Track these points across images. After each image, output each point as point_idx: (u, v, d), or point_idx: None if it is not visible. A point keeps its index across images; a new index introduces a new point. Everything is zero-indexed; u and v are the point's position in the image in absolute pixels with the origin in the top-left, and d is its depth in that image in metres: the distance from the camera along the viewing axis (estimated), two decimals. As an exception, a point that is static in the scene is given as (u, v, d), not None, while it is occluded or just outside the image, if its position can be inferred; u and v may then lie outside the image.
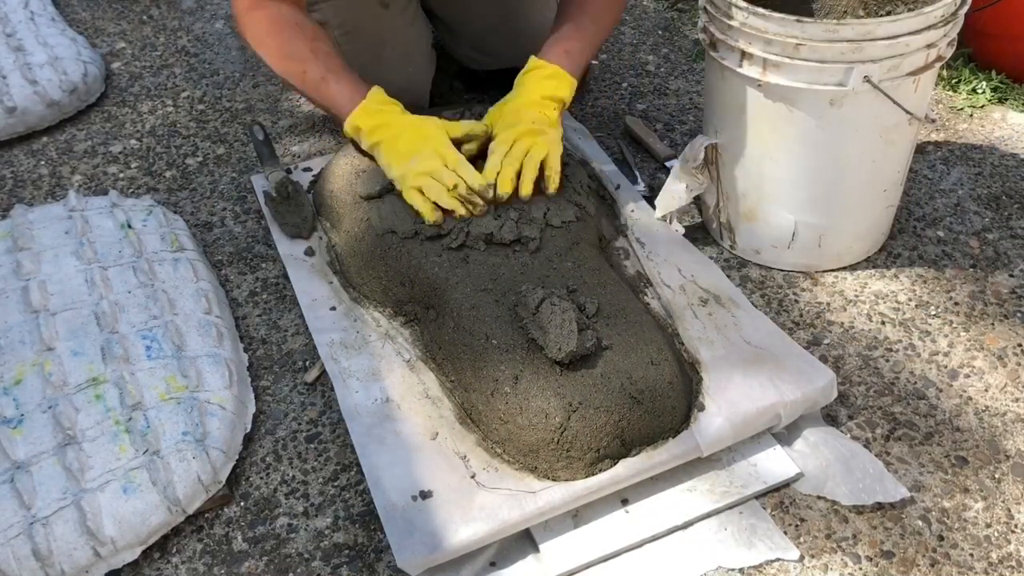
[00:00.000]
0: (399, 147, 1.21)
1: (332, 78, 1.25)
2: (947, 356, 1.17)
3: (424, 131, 1.22)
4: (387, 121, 1.23)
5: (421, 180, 1.18)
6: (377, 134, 1.23)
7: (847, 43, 1.05)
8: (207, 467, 1.01)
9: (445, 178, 1.17)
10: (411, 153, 1.19)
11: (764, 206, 1.25)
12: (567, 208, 1.22)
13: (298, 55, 1.26)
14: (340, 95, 1.25)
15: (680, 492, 1.00)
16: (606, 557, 0.95)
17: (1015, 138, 1.54)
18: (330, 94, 1.26)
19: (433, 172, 1.17)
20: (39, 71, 1.74)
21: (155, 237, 1.32)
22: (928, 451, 1.06)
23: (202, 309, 1.20)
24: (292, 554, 0.99)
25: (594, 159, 1.46)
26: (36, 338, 1.12)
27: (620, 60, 1.85)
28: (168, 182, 1.57)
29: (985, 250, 1.33)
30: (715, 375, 1.06)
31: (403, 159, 1.20)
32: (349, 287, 1.26)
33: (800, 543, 0.97)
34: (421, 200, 1.17)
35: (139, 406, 1.05)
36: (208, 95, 1.82)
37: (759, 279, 1.30)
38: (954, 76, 1.68)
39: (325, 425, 1.13)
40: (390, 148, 1.22)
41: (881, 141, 1.16)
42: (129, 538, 0.96)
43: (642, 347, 1.03)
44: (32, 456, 1.00)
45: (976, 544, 0.96)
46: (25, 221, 1.32)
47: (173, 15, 2.13)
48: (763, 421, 1.02)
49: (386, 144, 1.22)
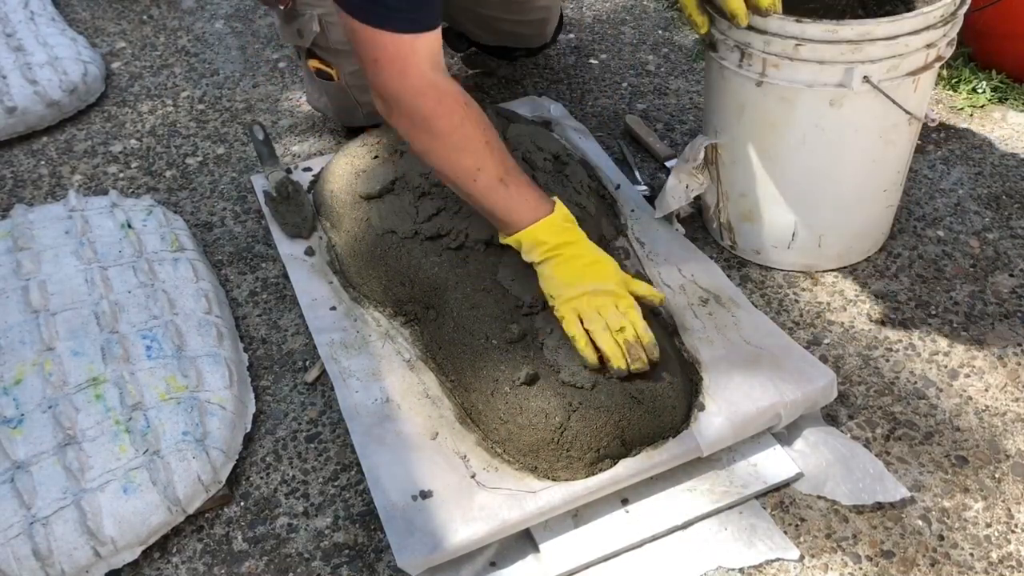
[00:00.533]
0: (577, 266, 1.05)
1: (512, 181, 1.05)
2: (947, 356, 1.17)
3: (607, 266, 1.07)
4: (574, 239, 1.07)
5: (584, 306, 1.02)
6: (560, 248, 1.05)
7: (847, 43, 1.05)
8: (207, 467, 1.01)
9: (612, 318, 1.01)
10: (587, 278, 1.04)
11: (764, 206, 1.25)
12: (567, 208, 1.21)
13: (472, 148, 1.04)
14: (523, 202, 1.06)
15: (680, 492, 1.00)
16: (606, 557, 0.95)
17: (1015, 138, 1.54)
18: (509, 198, 1.05)
19: (602, 307, 1.02)
20: (39, 71, 1.74)
21: (155, 237, 1.32)
22: (928, 451, 1.06)
23: (202, 309, 1.20)
24: (292, 554, 0.99)
25: (594, 159, 1.46)
26: (36, 338, 1.12)
27: (620, 60, 1.85)
28: (168, 182, 1.57)
29: (985, 250, 1.33)
30: (715, 375, 1.06)
31: (578, 279, 1.04)
32: (349, 287, 1.26)
33: (800, 543, 0.97)
34: (578, 331, 1.01)
35: (139, 406, 1.05)
36: (208, 95, 1.82)
37: (759, 279, 1.30)
38: (954, 76, 1.68)
39: (325, 425, 1.13)
40: (567, 263, 1.05)
41: (881, 141, 1.16)
42: (129, 538, 0.96)
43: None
44: (32, 456, 1.00)
45: (976, 544, 0.96)
46: (25, 221, 1.32)
47: (173, 15, 2.13)
48: (763, 421, 1.02)
49: (564, 258, 1.05)
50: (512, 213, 1.06)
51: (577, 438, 0.96)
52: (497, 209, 1.06)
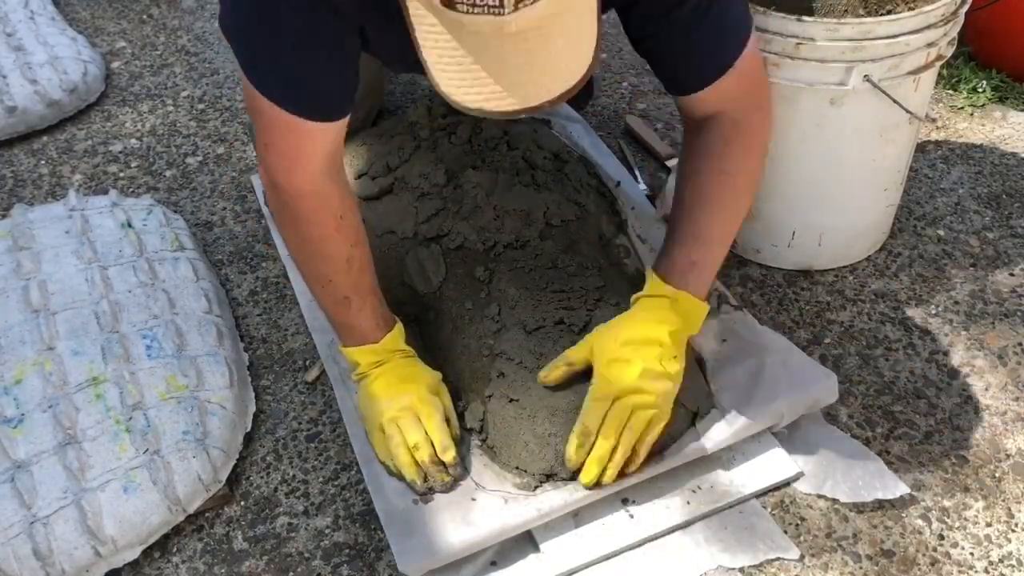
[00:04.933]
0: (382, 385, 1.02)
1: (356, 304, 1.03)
2: (947, 355, 1.17)
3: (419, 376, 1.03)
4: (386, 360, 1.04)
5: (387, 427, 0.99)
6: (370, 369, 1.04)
7: (847, 42, 1.05)
8: (207, 466, 1.01)
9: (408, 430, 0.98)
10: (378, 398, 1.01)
11: (764, 205, 1.24)
12: (567, 207, 1.21)
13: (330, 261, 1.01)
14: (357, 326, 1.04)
15: (681, 492, 1.00)
16: (607, 556, 0.95)
17: (1015, 137, 1.54)
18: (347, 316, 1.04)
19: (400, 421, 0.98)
20: (39, 70, 1.74)
21: (155, 236, 1.32)
22: (928, 450, 1.06)
23: (202, 308, 1.20)
24: (292, 553, 0.99)
25: (594, 155, 1.45)
26: (36, 337, 1.12)
27: (620, 59, 1.85)
28: (168, 181, 1.57)
29: (985, 249, 1.33)
30: (718, 374, 1.06)
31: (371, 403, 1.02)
32: (349, 286, 1.26)
33: (800, 542, 0.97)
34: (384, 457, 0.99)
35: (139, 405, 1.05)
36: (208, 94, 1.81)
37: (759, 278, 1.29)
38: (954, 75, 1.68)
39: (325, 424, 1.13)
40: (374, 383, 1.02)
41: (881, 140, 1.16)
42: (129, 537, 0.96)
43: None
44: (32, 455, 1.00)
45: (976, 543, 0.96)
46: (25, 221, 1.32)
47: (173, 14, 2.13)
48: (765, 419, 1.02)
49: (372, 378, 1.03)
50: (343, 330, 1.05)
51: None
52: (333, 321, 1.05)
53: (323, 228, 0.98)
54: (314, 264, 1.02)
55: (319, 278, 1.02)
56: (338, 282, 1.01)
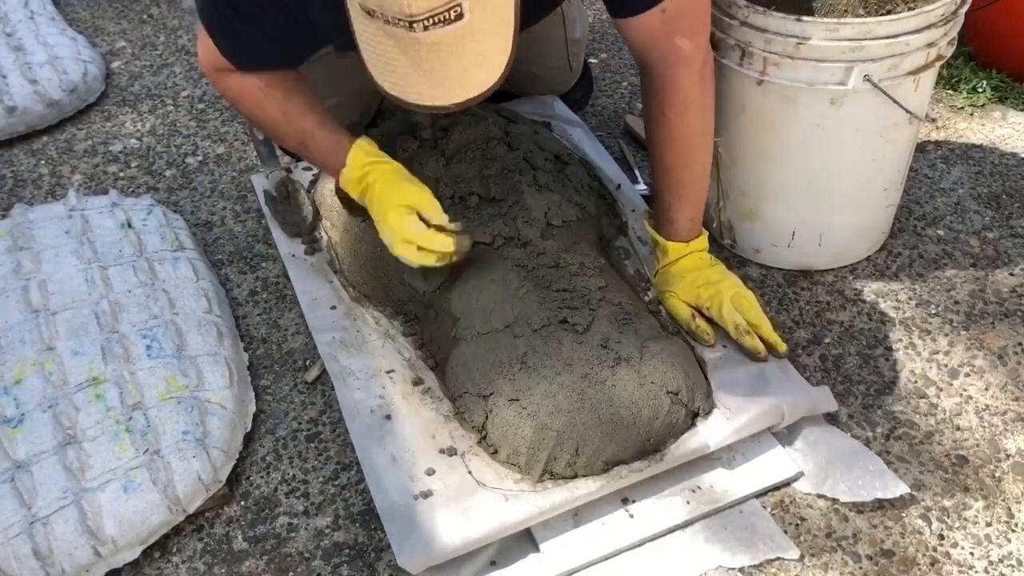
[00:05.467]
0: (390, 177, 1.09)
1: (310, 142, 1.13)
2: (947, 355, 1.17)
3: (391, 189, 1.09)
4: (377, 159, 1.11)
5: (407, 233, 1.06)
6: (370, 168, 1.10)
7: (847, 42, 1.05)
8: (207, 466, 1.01)
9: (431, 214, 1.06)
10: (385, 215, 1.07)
11: (764, 205, 1.24)
12: (568, 208, 1.21)
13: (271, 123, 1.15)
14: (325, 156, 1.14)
15: (681, 491, 1.00)
16: (607, 556, 0.95)
17: (1015, 137, 1.54)
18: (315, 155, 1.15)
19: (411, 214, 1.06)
20: (39, 70, 1.74)
21: (155, 236, 1.32)
22: (928, 450, 1.06)
23: (202, 308, 1.20)
24: (292, 553, 0.99)
25: (595, 158, 1.45)
26: (36, 337, 1.12)
27: (620, 59, 1.85)
28: (168, 181, 1.57)
29: (985, 249, 1.33)
30: (720, 373, 1.06)
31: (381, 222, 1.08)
32: (349, 286, 1.26)
33: (800, 542, 0.97)
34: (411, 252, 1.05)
35: (139, 405, 1.05)
36: (208, 94, 1.81)
37: (759, 278, 1.29)
38: (954, 75, 1.68)
39: (325, 424, 1.13)
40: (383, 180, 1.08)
41: (881, 140, 1.16)
42: (129, 537, 0.96)
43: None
44: (32, 456, 1.00)
45: (976, 543, 0.96)
46: (25, 220, 1.32)
47: (173, 14, 2.13)
48: (768, 419, 1.02)
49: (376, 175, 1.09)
50: (323, 167, 1.21)
51: (580, 453, 0.96)
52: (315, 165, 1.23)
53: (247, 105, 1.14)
54: (269, 130, 1.20)
55: (280, 139, 1.24)
56: (287, 135, 1.16)
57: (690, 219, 1.16)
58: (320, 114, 1.13)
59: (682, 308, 1.14)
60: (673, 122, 1.11)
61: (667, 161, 1.14)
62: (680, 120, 1.11)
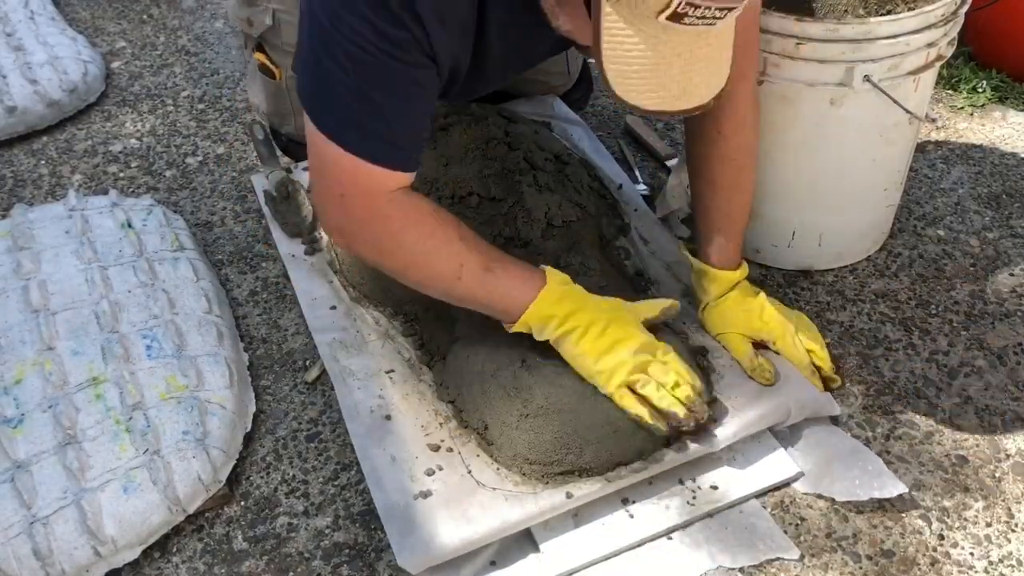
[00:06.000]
0: (596, 333, 0.98)
1: (498, 267, 0.99)
2: (947, 355, 1.17)
3: (623, 315, 1.01)
4: (579, 305, 0.99)
5: (630, 376, 0.97)
6: (570, 320, 0.98)
7: (847, 42, 1.05)
8: (207, 466, 1.01)
9: (659, 374, 0.97)
10: (615, 344, 0.98)
11: (764, 205, 1.24)
12: (568, 208, 1.21)
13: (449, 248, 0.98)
14: (515, 283, 0.99)
15: (681, 492, 1.00)
16: (606, 556, 0.95)
17: (1015, 137, 1.54)
18: (499, 285, 0.99)
19: (644, 367, 0.97)
20: (39, 70, 1.74)
21: (155, 236, 1.32)
22: (928, 450, 1.06)
23: (202, 308, 1.20)
24: (292, 553, 0.99)
25: (595, 158, 1.46)
26: (36, 337, 1.12)
27: (620, 59, 1.84)
28: (168, 181, 1.57)
29: (985, 249, 1.33)
30: (723, 371, 1.06)
31: (607, 349, 0.97)
32: (349, 286, 1.26)
33: (800, 542, 0.97)
34: (634, 402, 0.96)
35: (139, 405, 1.05)
36: (208, 94, 1.81)
37: (759, 278, 1.29)
38: (954, 75, 1.68)
39: (325, 424, 1.13)
40: (587, 335, 0.98)
41: (881, 140, 1.16)
42: (129, 537, 0.96)
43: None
44: (32, 456, 1.00)
45: (976, 543, 0.96)
46: (25, 220, 1.32)
47: (173, 14, 2.13)
48: (773, 417, 1.02)
49: (581, 331, 0.98)
50: (507, 299, 0.99)
51: (580, 453, 0.96)
52: (492, 299, 0.99)
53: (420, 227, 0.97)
54: (436, 263, 0.99)
55: (451, 273, 0.98)
56: (469, 261, 0.98)
57: (738, 245, 1.11)
58: None
59: (743, 345, 1.08)
60: (729, 140, 1.06)
61: (720, 181, 1.08)
62: (735, 137, 1.06)
